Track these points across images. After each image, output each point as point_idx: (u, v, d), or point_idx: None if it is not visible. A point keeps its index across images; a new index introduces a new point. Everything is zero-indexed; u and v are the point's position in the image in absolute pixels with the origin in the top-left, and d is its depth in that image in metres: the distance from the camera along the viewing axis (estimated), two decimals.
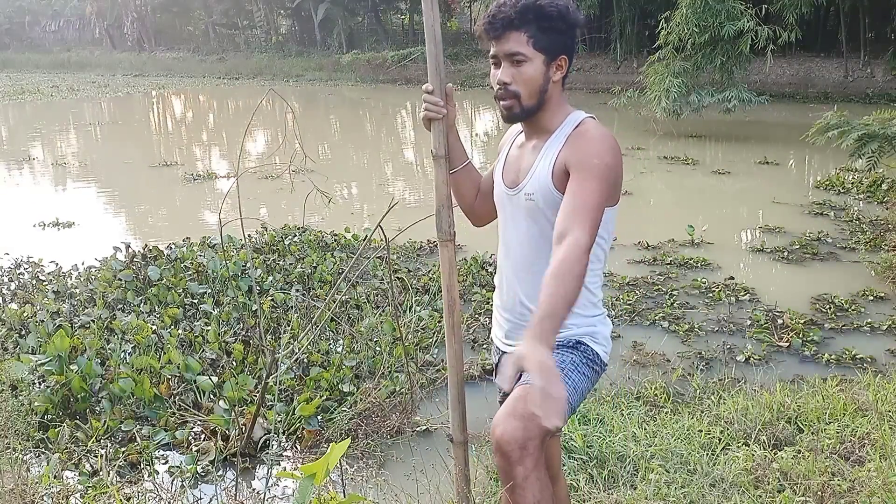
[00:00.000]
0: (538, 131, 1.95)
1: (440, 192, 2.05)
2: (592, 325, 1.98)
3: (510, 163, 2.02)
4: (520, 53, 1.84)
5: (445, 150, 2.04)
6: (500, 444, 1.71)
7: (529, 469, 1.70)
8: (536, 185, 1.90)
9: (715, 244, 6.35)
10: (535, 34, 1.83)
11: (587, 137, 1.85)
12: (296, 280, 5.22)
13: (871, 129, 6.22)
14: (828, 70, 18.68)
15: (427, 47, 2.04)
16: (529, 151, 1.97)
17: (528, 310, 1.97)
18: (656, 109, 11.84)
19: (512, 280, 2.02)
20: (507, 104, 1.89)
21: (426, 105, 2.01)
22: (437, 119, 2.01)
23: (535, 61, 1.85)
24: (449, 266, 2.05)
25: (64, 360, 3.61)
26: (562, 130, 1.91)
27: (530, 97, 1.87)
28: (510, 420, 1.72)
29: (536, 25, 1.83)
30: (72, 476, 3.06)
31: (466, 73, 23.37)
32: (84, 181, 10.45)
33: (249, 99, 21.29)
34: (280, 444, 3.33)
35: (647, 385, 3.67)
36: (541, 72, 1.86)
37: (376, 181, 10.60)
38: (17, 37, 41.31)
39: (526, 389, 1.80)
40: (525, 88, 1.86)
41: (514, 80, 1.86)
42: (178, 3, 36.50)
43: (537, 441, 1.72)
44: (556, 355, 1.90)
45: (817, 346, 4.26)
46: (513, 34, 1.83)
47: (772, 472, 2.71)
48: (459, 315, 2.09)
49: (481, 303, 4.94)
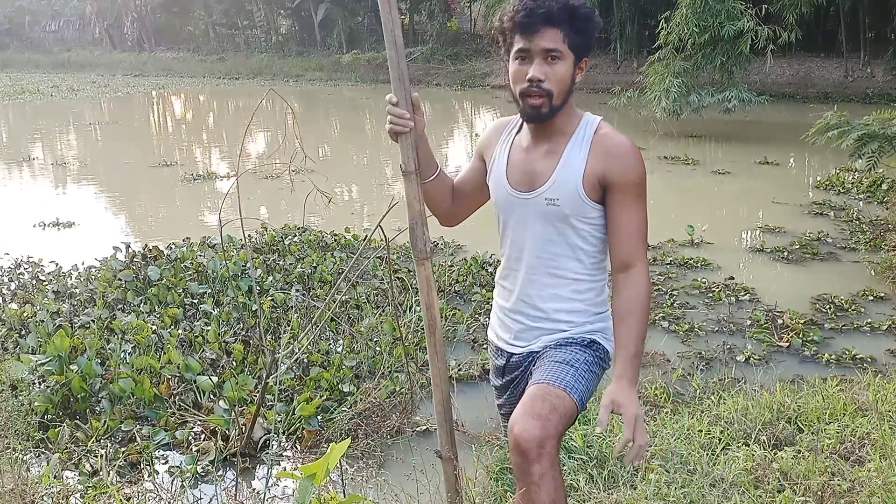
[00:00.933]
0: (553, 134, 1.91)
1: (413, 209, 1.97)
2: (602, 321, 2.00)
3: (517, 165, 1.96)
4: (557, 50, 1.80)
5: (416, 165, 1.97)
6: (518, 442, 1.71)
7: (546, 468, 1.71)
8: (561, 192, 1.87)
9: (715, 244, 6.35)
10: (570, 33, 1.81)
11: (622, 153, 1.85)
12: (296, 280, 5.22)
13: (871, 129, 6.21)
14: (828, 70, 18.66)
15: (388, 54, 1.92)
16: (543, 156, 1.92)
17: (543, 312, 1.97)
18: (656, 109, 11.83)
19: (525, 282, 1.99)
20: (538, 102, 1.83)
21: (391, 118, 1.93)
22: (404, 132, 1.94)
23: (568, 61, 1.83)
24: (427, 284, 2.00)
25: (64, 360, 3.61)
26: (579, 135, 1.89)
27: (559, 96, 1.84)
28: (528, 419, 1.73)
29: (570, 25, 1.80)
30: (72, 476, 3.06)
31: (466, 72, 23.36)
32: (84, 181, 10.45)
33: (249, 99, 21.29)
34: (280, 444, 3.33)
35: (647, 385, 3.67)
36: (570, 72, 1.84)
37: (376, 181, 10.60)
38: (17, 37, 41.28)
39: (542, 388, 1.81)
40: (557, 87, 1.83)
41: (548, 77, 1.81)
42: (178, 3, 36.47)
43: (555, 440, 1.74)
44: (570, 353, 1.91)
45: (817, 346, 4.26)
46: (550, 30, 1.79)
47: (772, 472, 2.71)
48: (441, 333, 2.05)
49: (481, 303, 4.94)
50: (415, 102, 1.95)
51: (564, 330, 1.96)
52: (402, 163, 1.96)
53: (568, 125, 1.90)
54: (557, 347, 1.94)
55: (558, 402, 1.77)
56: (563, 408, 1.78)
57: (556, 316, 1.96)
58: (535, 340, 2.00)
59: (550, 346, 1.96)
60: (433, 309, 2.01)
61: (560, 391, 1.80)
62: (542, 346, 1.98)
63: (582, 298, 1.96)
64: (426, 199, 2.04)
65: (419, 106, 1.96)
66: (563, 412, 1.77)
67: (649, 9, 18.62)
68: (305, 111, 18.45)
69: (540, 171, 1.92)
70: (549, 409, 1.75)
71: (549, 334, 1.98)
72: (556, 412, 1.75)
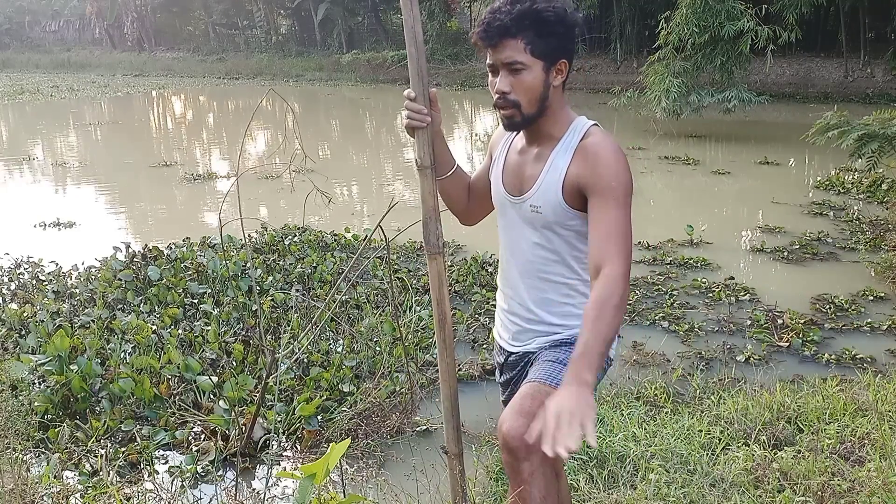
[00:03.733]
0: (540, 138, 1.90)
1: (427, 204, 1.96)
2: None
3: (511, 168, 1.97)
4: (517, 62, 1.77)
5: (431, 160, 1.96)
6: (506, 440, 1.72)
7: (536, 465, 1.71)
8: (544, 198, 1.87)
9: (715, 244, 6.35)
10: (533, 40, 1.76)
11: (600, 156, 1.79)
12: (296, 280, 5.22)
13: (871, 129, 6.21)
14: (828, 70, 18.68)
15: (408, 50, 1.91)
16: (533, 159, 1.92)
17: (535, 315, 1.98)
18: (656, 109, 11.84)
19: (518, 284, 2.00)
20: (508, 113, 1.83)
21: (408, 113, 1.93)
22: (422, 127, 1.94)
23: (534, 68, 1.78)
24: (439, 279, 2.00)
25: (64, 360, 3.60)
26: (567, 140, 1.86)
27: (530, 105, 1.82)
28: (517, 417, 1.73)
29: (534, 31, 1.76)
30: (72, 476, 3.06)
31: (466, 73, 23.37)
32: (84, 181, 10.45)
33: (249, 99, 21.29)
34: (280, 444, 3.33)
35: (647, 385, 3.67)
36: (540, 79, 1.80)
37: (376, 181, 10.61)
38: (17, 37, 41.30)
39: (533, 387, 1.81)
40: (525, 97, 1.80)
41: (514, 88, 1.80)
42: (178, 3, 36.49)
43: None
44: (563, 353, 1.92)
45: (817, 346, 4.26)
46: (509, 42, 1.76)
47: (772, 472, 2.71)
48: (451, 329, 2.05)
49: (481, 303, 4.94)
50: (432, 98, 1.94)
51: (558, 332, 1.97)
52: (418, 157, 1.96)
53: (556, 129, 1.88)
54: (552, 348, 1.96)
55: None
56: None
57: (548, 319, 1.97)
58: (529, 341, 2.02)
59: (545, 347, 1.97)
60: (444, 304, 2.00)
61: (551, 389, 1.79)
62: (538, 346, 2.00)
63: (573, 302, 1.96)
64: (443, 196, 2.04)
65: (436, 102, 1.96)
66: None
67: (649, 9, 18.64)
68: (305, 111, 18.46)
69: (528, 176, 1.92)
70: (539, 406, 1.74)
71: (544, 336, 1.99)
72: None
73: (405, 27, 1.92)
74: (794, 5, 13.29)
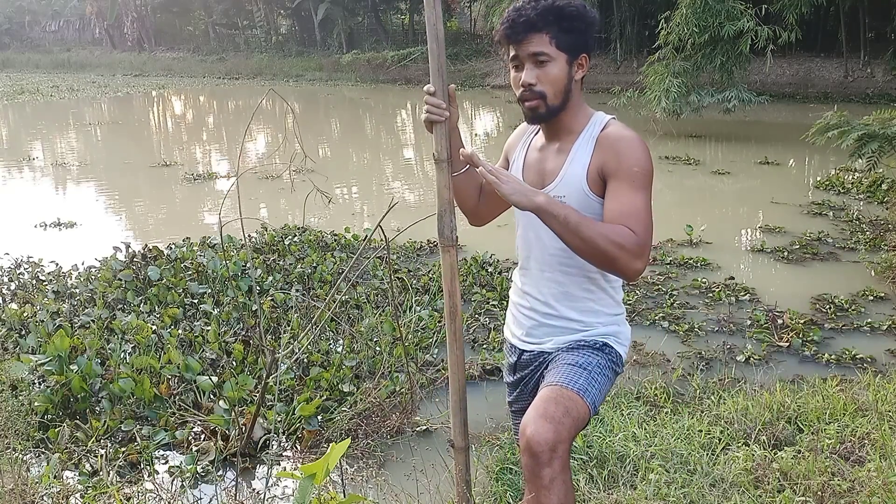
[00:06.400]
0: (561, 132, 1.94)
1: (442, 197, 2.01)
2: (616, 325, 2.00)
3: (531, 165, 2.01)
4: (543, 53, 1.85)
5: (448, 154, 2.00)
6: (530, 444, 1.71)
7: (557, 471, 1.71)
8: (568, 188, 1.89)
9: (715, 244, 6.35)
10: (557, 35, 1.84)
11: (623, 143, 1.85)
12: (296, 280, 5.22)
13: (871, 129, 6.21)
14: (828, 70, 18.69)
15: (429, 46, 2.00)
16: (554, 154, 1.95)
17: (554, 309, 1.98)
18: (656, 109, 11.84)
19: (539, 279, 2.01)
20: (533, 105, 1.88)
21: (428, 108, 1.98)
22: (440, 122, 1.98)
23: (559, 61, 1.86)
24: (451, 271, 2.02)
25: (64, 360, 3.60)
26: (588, 132, 1.91)
27: (555, 97, 1.88)
28: (541, 422, 1.73)
29: (557, 26, 1.84)
30: (72, 476, 3.06)
31: (466, 73, 23.36)
32: (84, 181, 10.46)
33: (249, 99, 21.30)
34: (280, 444, 3.33)
35: (647, 385, 3.67)
36: (564, 71, 1.87)
37: (376, 181, 10.61)
38: (17, 37, 41.33)
39: (555, 391, 1.81)
40: (551, 88, 1.87)
41: (539, 80, 1.86)
42: (178, 3, 36.50)
43: (567, 444, 1.74)
44: (582, 356, 1.91)
45: (817, 346, 4.26)
46: (535, 36, 1.84)
47: (772, 472, 2.71)
48: (461, 322, 2.07)
49: (481, 303, 4.94)
50: (451, 94, 1.99)
51: (576, 330, 1.97)
52: (435, 151, 2.00)
53: (576, 123, 1.93)
54: (569, 350, 1.95)
55: (571, 406, 1.78)
56: (576, 411, 1.78)
57: (567, 314, 1.97)
58: (546, 339, 2.01)
59: (562, 349, 1.97)
60: (455, 297, 2.02)
61: (573, 394, 1.80)
62: (554, 347, 1.99)
63: (594, 298, 1.97)
64: (455, 193, 2.06)
65: (455, 98, 2.01)
66: (576, 416, 1.77)
67: (649, 9, 18.66)
68: (305, 111, 18.46)
69: (550, 170, 1.95)
70: (563, 412, 1.75)
71: (561, 334, 1.98)
72: (569, 416, 1.75)
73: (427, 24, 2.00)
74: (794, 5, 13.28)
